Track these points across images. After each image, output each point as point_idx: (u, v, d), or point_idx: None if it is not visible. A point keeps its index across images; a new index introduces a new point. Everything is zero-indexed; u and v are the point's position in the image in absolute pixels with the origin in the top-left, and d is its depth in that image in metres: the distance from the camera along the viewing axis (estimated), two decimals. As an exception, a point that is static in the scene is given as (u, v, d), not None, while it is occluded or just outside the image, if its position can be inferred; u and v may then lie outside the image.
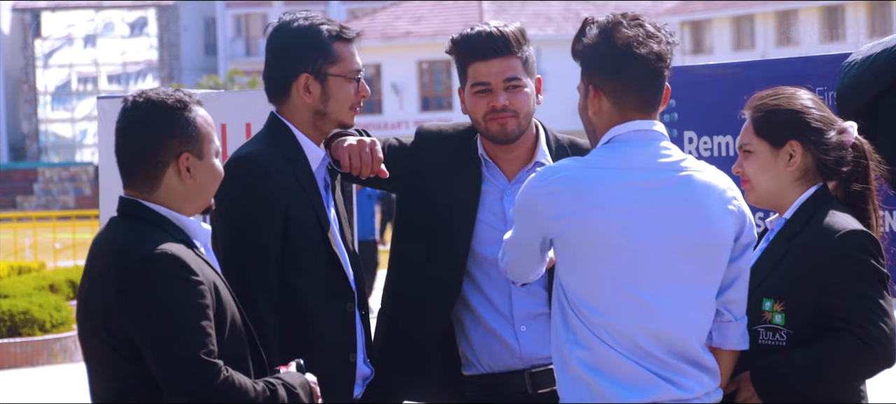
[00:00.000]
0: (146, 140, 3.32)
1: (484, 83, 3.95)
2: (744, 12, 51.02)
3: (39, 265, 18.56)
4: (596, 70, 3.46)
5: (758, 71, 4.73)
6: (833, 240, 3.53)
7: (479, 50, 3.95)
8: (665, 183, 3.42)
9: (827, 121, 3.66)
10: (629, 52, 3.42)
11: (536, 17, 50.59)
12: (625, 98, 3.44)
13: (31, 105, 64.50)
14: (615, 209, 3.37)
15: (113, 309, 3.23)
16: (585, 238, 3.37)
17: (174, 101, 3.34)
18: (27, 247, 23.16)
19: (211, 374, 3.18)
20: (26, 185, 44.30)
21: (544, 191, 3.41)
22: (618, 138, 3.45)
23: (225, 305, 3.31)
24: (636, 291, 3.37)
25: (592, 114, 3.49)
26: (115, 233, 3.33)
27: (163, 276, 3.20)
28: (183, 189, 3.35)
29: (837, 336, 3.50)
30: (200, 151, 3.36)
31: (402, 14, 51.94)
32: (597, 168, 3.41)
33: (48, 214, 29.14)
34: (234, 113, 4.99)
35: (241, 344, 3.36)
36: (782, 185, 3.65)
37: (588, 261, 3.38)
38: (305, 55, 3.87)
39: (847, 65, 4.17)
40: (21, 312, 12.90)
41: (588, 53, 3.47)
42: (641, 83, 3.45)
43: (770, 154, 3.64)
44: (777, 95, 3.68)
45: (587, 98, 3.49)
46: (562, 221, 3.39)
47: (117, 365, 3.26)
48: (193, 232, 3.37)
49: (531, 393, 4.00)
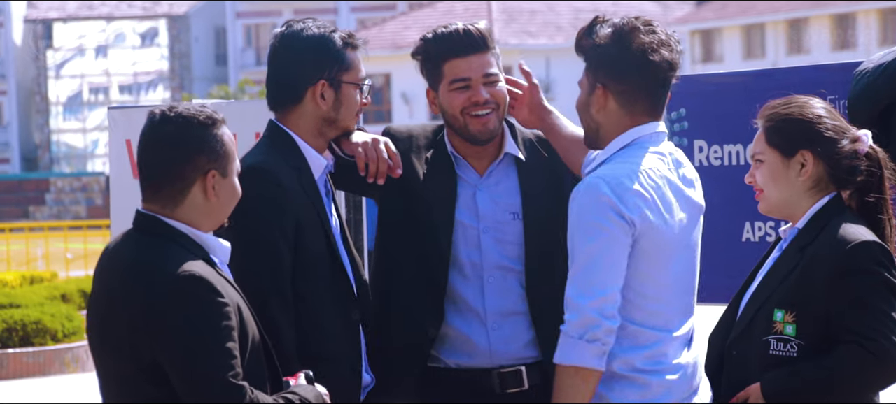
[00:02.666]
0: (176, 155, 3.30)
1: (464, 79, 3.98)
2: (754, 21, 50.95)
3: (51, 275, 18.58)
4: (606, 71, 3.49)
5: (768, 80, 4.72)
6: (844, 251, 3.51)
7: (457, 47, 4.00)
8: (684, 179, 3.57)
9: (840, 129, 3.64)
10: (643, 58, 3.45)
11: (546, 27, 50.59)
12: (634, 101, 3.49)
13: (43, 115, 64.64)
14: (670, 207, 3.48)
15: (140, 331, 3.21)
16: (654, 240, 3.45)
17: (205, 118, 3.32)
18: (39, 256, 23.19)
19: (236, 395, 3.17)
20: (38, 195, 44.37)
21: (612, 204, 3.42)
22: (640, 140, 3.51)
23: (247, 325, 3.30)
24: (685, 287, 3.54)
25: (596, 112, 3.52)
26: (137, 250, 3.29)
27: (193, 299, 3.19)
28: (206, 206, 3.34)
29: (847, 348, 3.48)
30: (225, 169, 3.35)
31: (412, 23, 51.96)
32: (646, 171, 3.48)
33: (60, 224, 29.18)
34: (243, 122, 5.00)
35: (259, 362, 3.36)
36: (794, 195, 3.64)
37: (656, 262, 3.46)
38: (322, 62, 3.89)
39: (859, 73, 4.17)
40: (33, 322, 12.92)
41: (599, 53, 3.49)
42: (652, 89, 3.49)
43: (781, 163, 3.63)
44: (789, 104, 3.67)
45: (591, 95, 3.51)
46: (640, 225, 3.44)
47: (140, 387, 3.23)
48: (212, 248, 3.35)
49: (499, 393, 3.97)
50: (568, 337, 3.42)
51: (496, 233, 3.99)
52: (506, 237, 3.99)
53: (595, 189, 3.42)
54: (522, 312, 3.96)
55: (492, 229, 3.99)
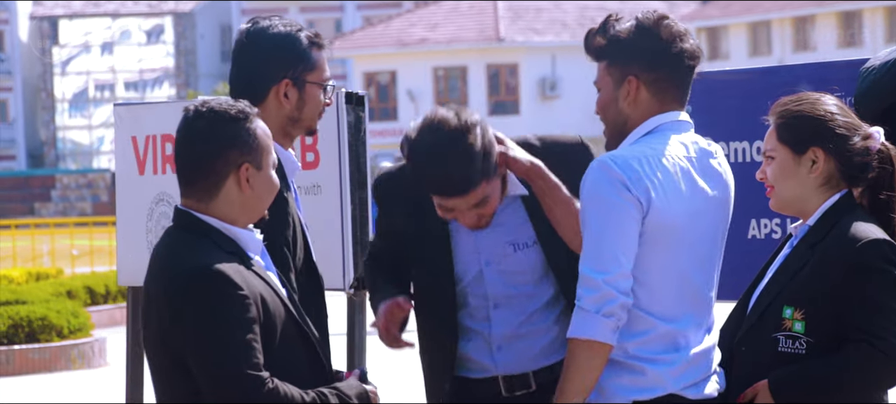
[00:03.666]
0: (208, 150, 3.35)
1: (449, 209, 3.82)
2: (760, 18, 50.90)
3: (57, 271, 18.61)
4: (637, 61, 3.51)
5: (774, 77, 4.71)
6: (854, 248, 3.50)
7: (438, 190, 3.79)
8: (707, 169, 3.56)
9: (851, 126, 3.63)
10: (674, 44, 3.51)
11: (552, 24, 50.55)
12: (665, 89, 3.53)
13: (49, 112, 64.69)
14: (679, 194, 3.47)
15: (168, 325, 3.29)
16: (658, 223, 3.44)
17: (236, 112, 3.37)
18: (45, 253, 23.21)
19: (255, 386, 3.21)
20: (44, 192, 44.42)
21: (622, 180, 3.42)
22: (663, 126, 3.53)
23: (274, 317, 3.33)
24: (692, 278, 3.50)
25: (627, 105, 3.54)
26: (170, 245, 3.37)
27: (207, 292, 3.24)
28: (241, 199, 3.37)
29: (856, 346, 3.47)
30: (260, 162, 3.38)
31: (418, 21, 51.94)
32: (658, 156, 3.48)
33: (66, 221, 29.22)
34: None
35: (294, 355, 3.38)
36: (805, 192, 3.63)
37: (658, 247, 3.44)
38: (286, 61, 3.85)
39: (865, 70, 4.16)
40: (39, 318, 12.93)
41: (628, 45, 3.52)
42: (681, 76, 3.55)
43: (792, 160, 3.62)
44: (801, 101, 3.66)
45: (619, 89, 3.53)
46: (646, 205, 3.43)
47: (173, 379, 3.31)
48: (244, 242, 3.39)
49: (506, 396, 3.95)
50: (583, 311, 3.40)
51: (499, 265, 3.92)
52: (509, 268, 3.92)
53: (605, 165, 3.44)
54: (528, 334, 3.92)
55: (494, 262, 3.91)
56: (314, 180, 5.07)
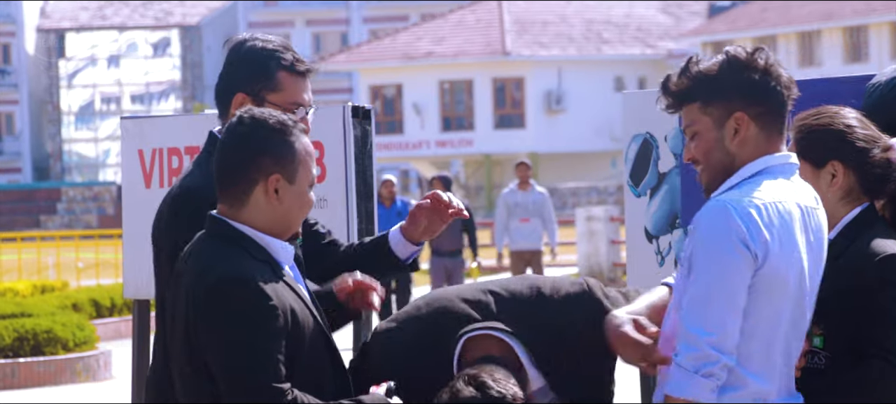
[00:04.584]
0: (240, 156, 3.35)
1: None
2: (766, 33, 50.92)
3: (62, 284, 18.63)
4: (744, 95, 3.32)
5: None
6: (873, 263, 3.46)
7: None
8: (812, 219, 3.37)
9: (871, 139, 3.59)
10: (774, 74, 3.34)
11: (558, 38, 50.58)
12: (772, 124, 3.35)
13: (55, 125, 64.79)
14: (793, 246, 3.30)
15: (194, 331, 3.28)
16: (770, 276, 3.28)
17: (275, 122, 3.36)
18: (50, 266, 23.22)
19: (274, 397, 3.20)
20: (50, 205, 44.45)
21: (741, 234, 3.24)
22: (773, 168, 3.35)
23: (303, 328, 3.32)
24: (789, 334, 3.34)
25: (736, 146, 3.34)
26: (201, 252, 3.36)
27: (232, 300, 3.23)
28: (269, 209, 3.35)
29: (871, 363, 3.43)
30: (293, 176, 3.36)
31: (424, 34, 52.01)
32: (776, 202, 3.30)
33: (71, 233, 29.23)
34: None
35: (322, 366, 3.37)
36: (826, 205, 3.54)
37: (762, 299, 3.28)
38: (247, 76, 3.82)
39: (871, 86, 4.14)
40: (44, 331, 12.93)
41: (723, 80, 3.33)
42: (782, 109, 3.37)
43: (812, 174, 3.56)
44: (820, 115, 3.62)
45: (723, 128, 3.34)
46: (762, 259, 3.25)
47: (199, 385, 3.30)
48: (275, 250, 3.37)
49: None
50: (682, 370, 3.25)
51: None
52: None
53: (725, 213, 3.25)
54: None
55: None
56: (320, 193, 5.08)
